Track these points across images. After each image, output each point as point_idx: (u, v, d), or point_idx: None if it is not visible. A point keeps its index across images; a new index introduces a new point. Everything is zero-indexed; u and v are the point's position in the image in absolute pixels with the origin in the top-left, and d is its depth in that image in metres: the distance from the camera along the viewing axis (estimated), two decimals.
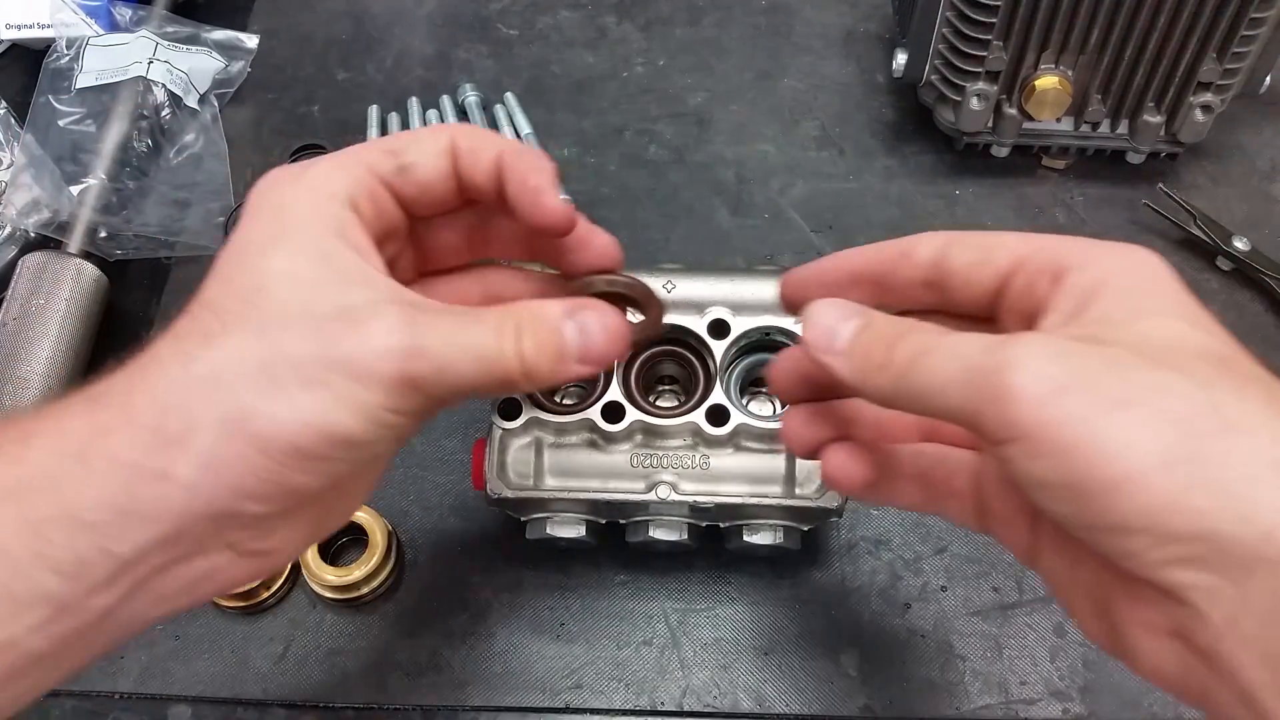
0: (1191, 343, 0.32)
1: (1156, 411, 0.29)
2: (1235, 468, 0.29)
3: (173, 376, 0.34)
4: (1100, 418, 0.30)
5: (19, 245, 0.75)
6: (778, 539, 0.57)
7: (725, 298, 0.58)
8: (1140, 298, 0.33)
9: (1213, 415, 0.29)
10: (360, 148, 0.40)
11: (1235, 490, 0.28)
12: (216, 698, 0.60)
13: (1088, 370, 0.31)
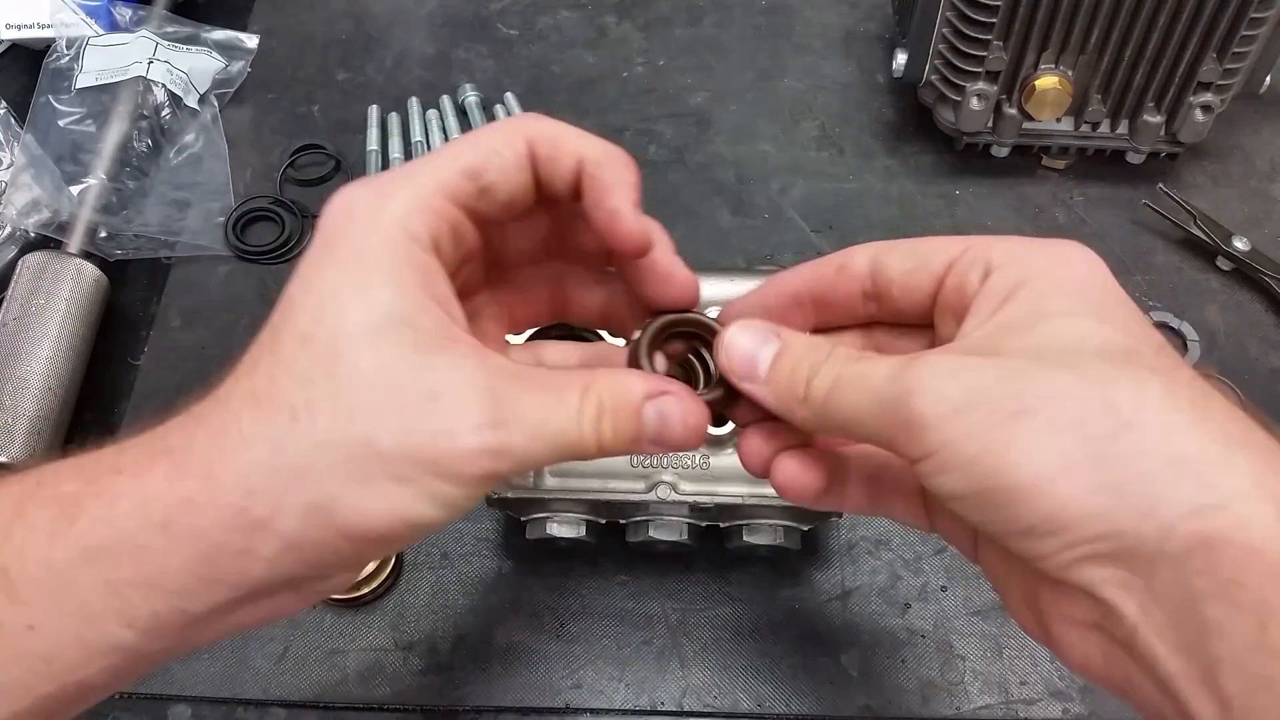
0: (1095, 340, 0.32)
1: (1052, 419, 0.30)
2: (1132, 467, 0.29)
3: (259, 460, 0.33)
4: (999, 430, 0.31)
5: (19, 245, 0.75)
6: (777, 539, 0.57)
7: (725, 298, 0.58)
8: (1052, 297, 0.34)
9: (1109, 415, 0.30)
10: (437, 168, 0.36)
11: (1133, 489, 0.29)
12: (216, 698, 0.60)
13: (984, 385, 0.32)
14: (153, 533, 0.33)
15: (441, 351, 0.34)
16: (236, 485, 0.33)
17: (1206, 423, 0.30)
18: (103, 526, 0.33)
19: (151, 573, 0.33)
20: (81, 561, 0.33)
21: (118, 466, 0.34)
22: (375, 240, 0.35)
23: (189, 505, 0.33)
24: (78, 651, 0.33)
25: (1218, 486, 0.29)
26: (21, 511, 0.34)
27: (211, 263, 0.78)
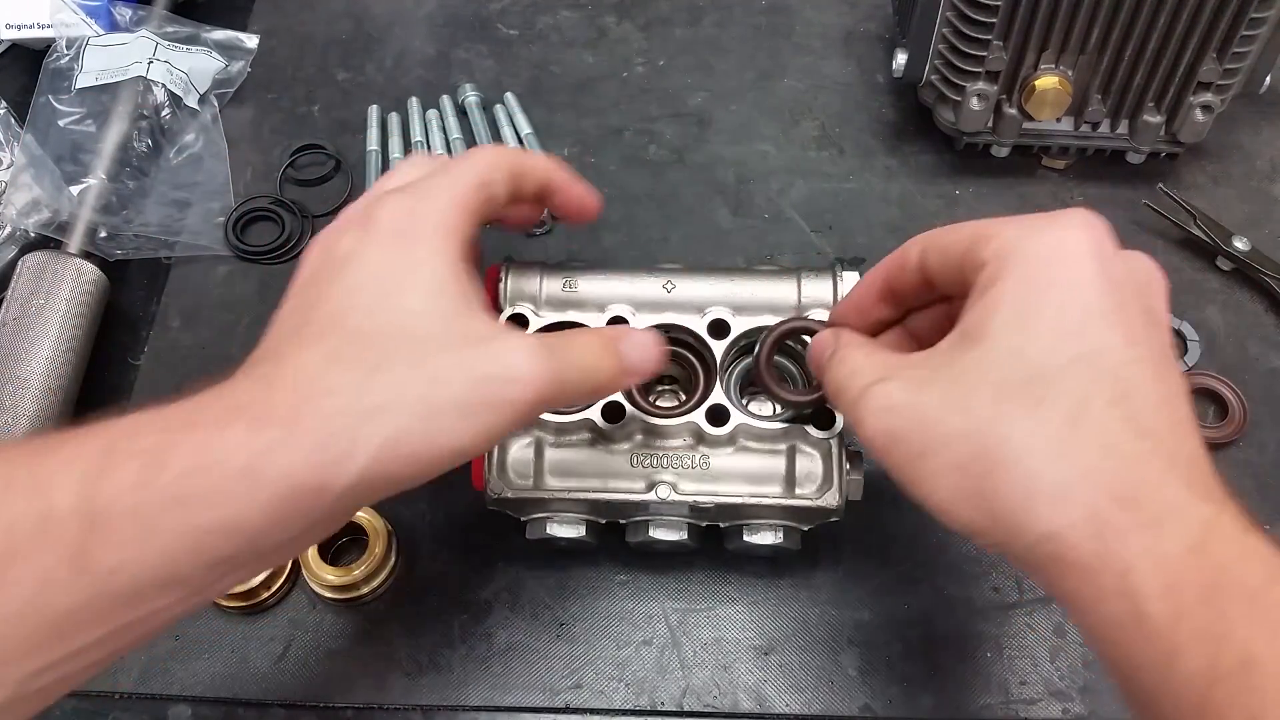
0: (1008, 366, 0.38)
1: (944, 461, 0.39)
2: (999, 502, 0.37)
3: (341, 405, 0.38)
4: (909, 467, 0.40)
5: (19, 245, 0.75)
6: (778, 539, 0.57)
7: (725, 298, 0.58)
8: (999, 311, 0.39)
9: (983, 459, 0.37)
10: (462, 186, 0.46)
11: (1003, 519, 0.37)
12: (216, 698, 0.59)
13: (902, 426, 0.41)
14: (235, 480, 0.37)
15: (482, 322, 0.43)
16: (319, 428, 0.38)
17: (1064, 453, 0.36)
18: (188, 477, 0.36)
19: (231, 516, 0.37)
20: (168, 509, 0.36)
21: (194, 422, 0.38)
22: (423, 235, 0.43)
23: (271, 451, 0.37)
24: (154, 589, 0.37)
25: (1057, 516, 0.36)
26: (109, 463, 0.36)
27: (211, 263, 0.78)
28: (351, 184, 0.81)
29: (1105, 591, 0.35)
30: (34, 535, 0.35)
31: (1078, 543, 0.35)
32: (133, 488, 0.36)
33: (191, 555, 0.37)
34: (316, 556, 0.61)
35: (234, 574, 0.39)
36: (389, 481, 0.40)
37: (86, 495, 0.36)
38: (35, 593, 0.35)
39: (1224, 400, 0.68)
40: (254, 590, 0.60)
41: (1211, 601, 0.33)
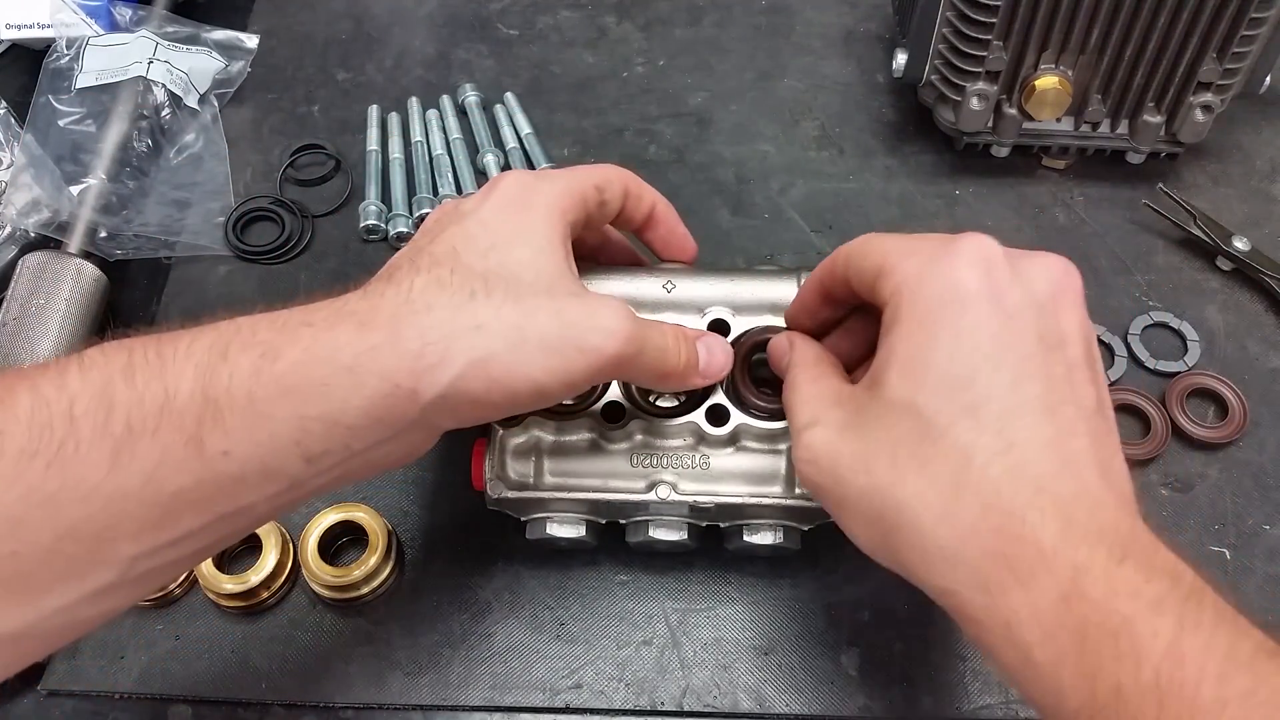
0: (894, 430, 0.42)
1: (856, 516, 0.44)
2: (902, 558, 0.42)
3: (440, 319, 0.42)
4: (835, 515, 0.45)
5: (19, 245, 0.75)
6: (778, 539, 0.57)
7: (725, 298, 0.58)
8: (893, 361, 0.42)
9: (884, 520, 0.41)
10: (579, 179, 0.52)
11: (909, 572, 0.42)
12: (216, 698, 0.59)
13: (824, 477, 0.44)
14: (342, 374, 0.40)
15: (576, 281, 0.48)
16: (417, 337, 0.41)
17: (947, 516, 0.39)
18: (300, 368, 0.39)
19: (334, 410, 0.40)
20: (279, 397, 0.39)
21: (308, 321, 0.41)
22: (538, 206, 0.49)
23: (375, 351, 0.41)
24: (258, 477, 0.40)
25: (948, 578, 0.39)
26: (225, 354, 0.39)
27: (211, 262, 0.78)
28: (351, 184, 0.81)
29: (997, 641, 0.38)
30: (158, 415, 0.37)
31: (969, 599, 0.39)
32: (247, 376, 0.39)
33: (294, 445, 0.40)
34: (316, 556, 0.61)
35: (328, 473, 0.42)
36: (471, 402, 0.43)
37: (205, 381, 0.38)
38: (154, 469, 0.37)
39: (1224, 400, 0.68)
40: (254, 590, 0.60)
41: (1083, 642, 0.36)
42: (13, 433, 0.36)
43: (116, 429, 0.37)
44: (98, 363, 0.38)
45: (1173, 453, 0.67)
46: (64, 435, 0.36)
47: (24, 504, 0.36)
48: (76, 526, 0.37)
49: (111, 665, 0.60)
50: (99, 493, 0.37)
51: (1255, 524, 0.64)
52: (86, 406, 0.37)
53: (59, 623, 0.39)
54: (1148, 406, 0.68)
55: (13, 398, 0.37)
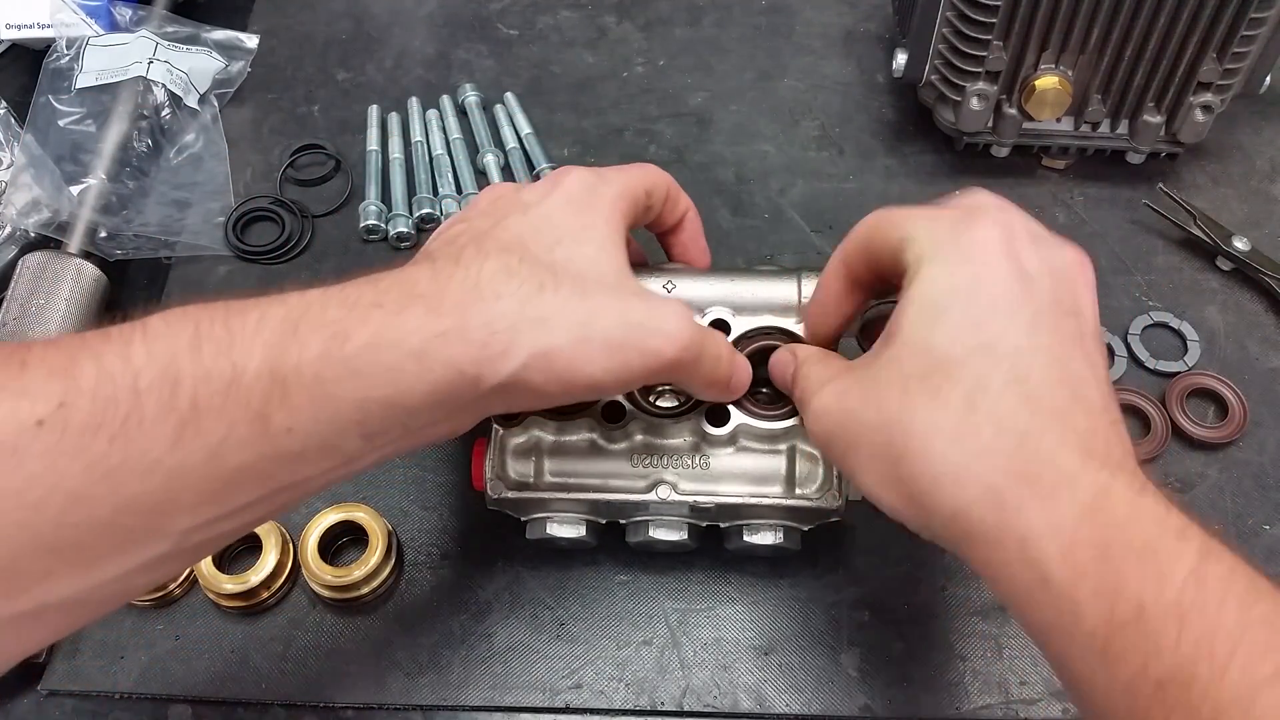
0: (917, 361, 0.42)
1: (866, 453, 0.43)
2: (911, 486, 0.41)
3: (508, 309, 0.42)
4: (844, 459, 0.45)
5: (19, 245, 0.75)
6: (778, 539, 0.57)
7: (725, 298, 0.58)
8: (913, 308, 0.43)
9: (894, 448, 0.41)
10: (635, 183, 0.53)
11: (916, 501, 0.41)
12: (216, 698, 0.59)
13: (835, 422, 0.45)
14: (409, 360, 0.40)
15: (635, 280, 0.49)
16: (484, 325, 0.42)
17: (959, 438, 0.39)
18: (368, 352, 0.40)
19: (399, 393, 0.40)
20: (346, 379, 0.39)
21: (378, 302, 0.41)
22: (601, 207, 0.50)
23: (443, 338, 0.41)
24: (317, 454, 0.40)
25: (958, 495, 0.39)
26: (295, 332, 0.39)
27: (211, 262, 0.78)
28: (351, 184, 0.81)
29: (1010, 561, 0.38)
30: (224, 392, 0.37)
31: (980, 517, 0.38)
32: (316, 357, 0.39)
33: (355, 425, 0.40)
34: (316, 556, 0.61)
35: (381, 450, 0.42)
36: (529, 392, 0.43)
37: (274, 360, 0.38)
38: (218, 446, 0.37)
39: (1224, 400, 0.68)
40: (254, 590, 0.60)
41: (1105, 559, 0.36)
42: (77, 405, 0.35)
43: (182, 405, 0.36)
44: (163, 334, 0.38)
45: (1173, 453, 0.67)
46: (128, 410, 0.36)
47: (86, 478, 0.35)
48: (136, 500, 0.36)
49: (111, 665, 0.60)
50: (161, 467, 0.36)
51: (1255, 524, 0.64)
52: (151, 381, 0.36)
53: (111, 591, 0.39)
54: (1148, 406, 0.68)
55: (76, 368, 0.36)
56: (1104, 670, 0.35)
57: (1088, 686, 0.37)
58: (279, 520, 0.63)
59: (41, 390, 0.35)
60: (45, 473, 0.35)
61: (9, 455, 0.34)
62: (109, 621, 0.61)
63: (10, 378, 0.35)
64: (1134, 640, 0.35)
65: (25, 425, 0.34)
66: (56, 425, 0.35)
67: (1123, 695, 0.35)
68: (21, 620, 0.37)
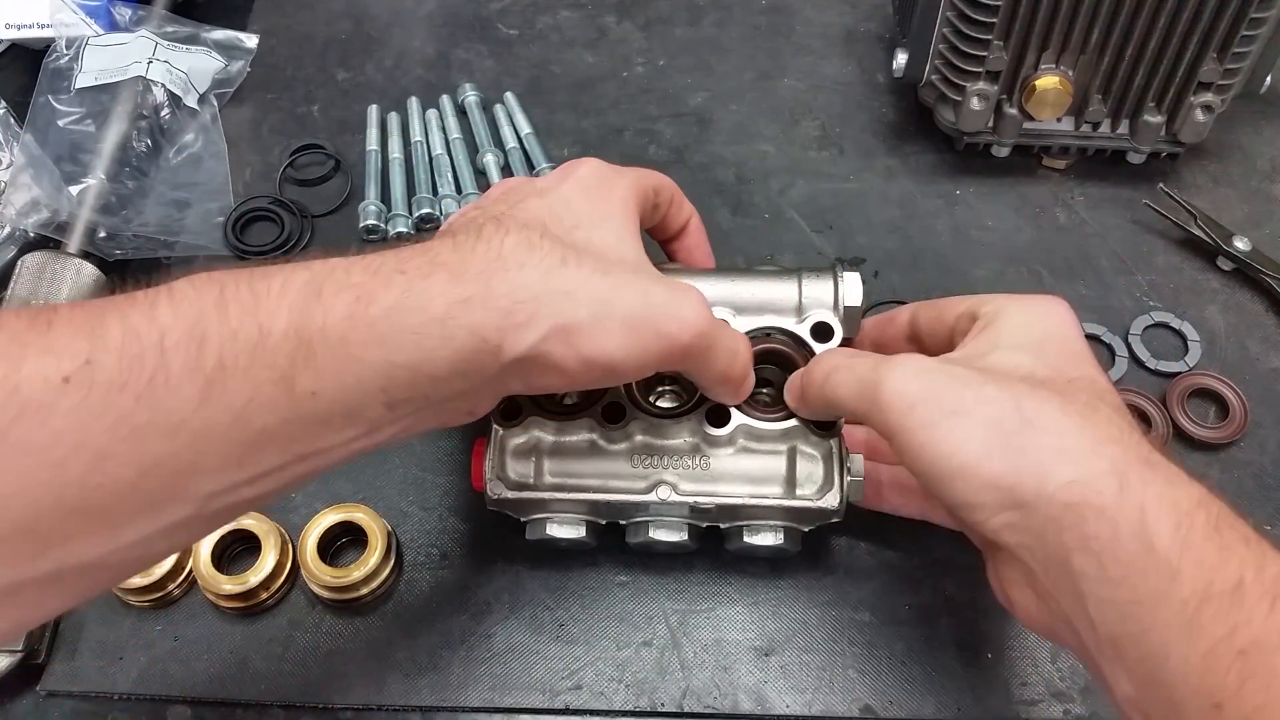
0: (1022, 370, 0.46)
1: (978, 417, 0.43)
2: (1029, 454, 0.42)
3: (531, 280, 0.43)
4: (940, 423, 0.44)
5: (19, 245, 0.74)
6: (778, 540, 0.57)
7: (725, 298, 0.58)
8: (1006, 337, 0.48)
9: (1017, 416, 0.42)
10: (644, 179, 0.55)
11: (1029, 470, 0.41)
12: (216, 698, 0.59)
13: (934, 387, 0.45)
14: (433, 325, 0.40)
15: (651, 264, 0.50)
16: (507, 294, 0.42)
17: (1086, 425, 0.42)
18: (392, 315, 0.40)
19: (422, 358, 0.40)
20: (371, 343, 0.39)
21: (401, 269, 0.41)
22: (615, 197, 0.51)
23: (466, 304, 0.41)
24: (341, 419, 0.40)
25: (1084, 467, 0.41)
26: (319, 294, 0.39)
27: (211, 263, 0.77)
28: (351, 184, 0.81)
29: (1121, 530, 0.39)
30: (251, 351, 0.37)
31: (1103, 488, 0.40)
32: (341, 319, 0.39)
33: (379, 391, 0.40)
34: (316, 557, 0.61)
35: (401, 421, 0.42)
36: (548, 367, 0.44)
37: (299, 321, 0.38)
38: (244, 406, 0.37)
39: (1224, 400, 0.68)
40: (253, 591, 0.60)
41: (1213, 539, 0.39)
42: (103, 363, 0.35)
43: (208, 364, 0.36)
44: (188, 296, 0.38)
45: (1173, 453, 0.67)
46: (154, 368, 0.36)
47: (111, 436, 0.35)
48: (160, 461, 0.36)
49: (110, 666, 0.60)
50: (186, 428, 0.36)
51: (1255, 524, 0.64)
52: (178, 339, 0.36)
53: (130, 555, 0.38)
54: (1148, 407, 0.68)
55: (103, 327, 0.36)
56: (1187, 637, 0.37)
57: (1161, 658, 0.38)
58: (278, 520, 0.63)
59: (68, 348, 0.35)
60: (71, 430, 0.34)
61: (35, 412, 0.34)
62: (108, 622, 0.61)
63: (37, 335, 0.35)
64: (1226, 610, 0.37)
65: (52, 382, 0.34)
66: (83, 382, 0.34)
67: (1201, 660, 0.37)
68: (41, 583, 0.36)
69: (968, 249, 0.77)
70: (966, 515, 0.44)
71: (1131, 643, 0.39)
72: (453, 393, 0.43)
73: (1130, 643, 0.39)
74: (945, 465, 0.43)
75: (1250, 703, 0.35)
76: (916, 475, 0.46)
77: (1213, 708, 0.36)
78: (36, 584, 0.36)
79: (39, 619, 0.39)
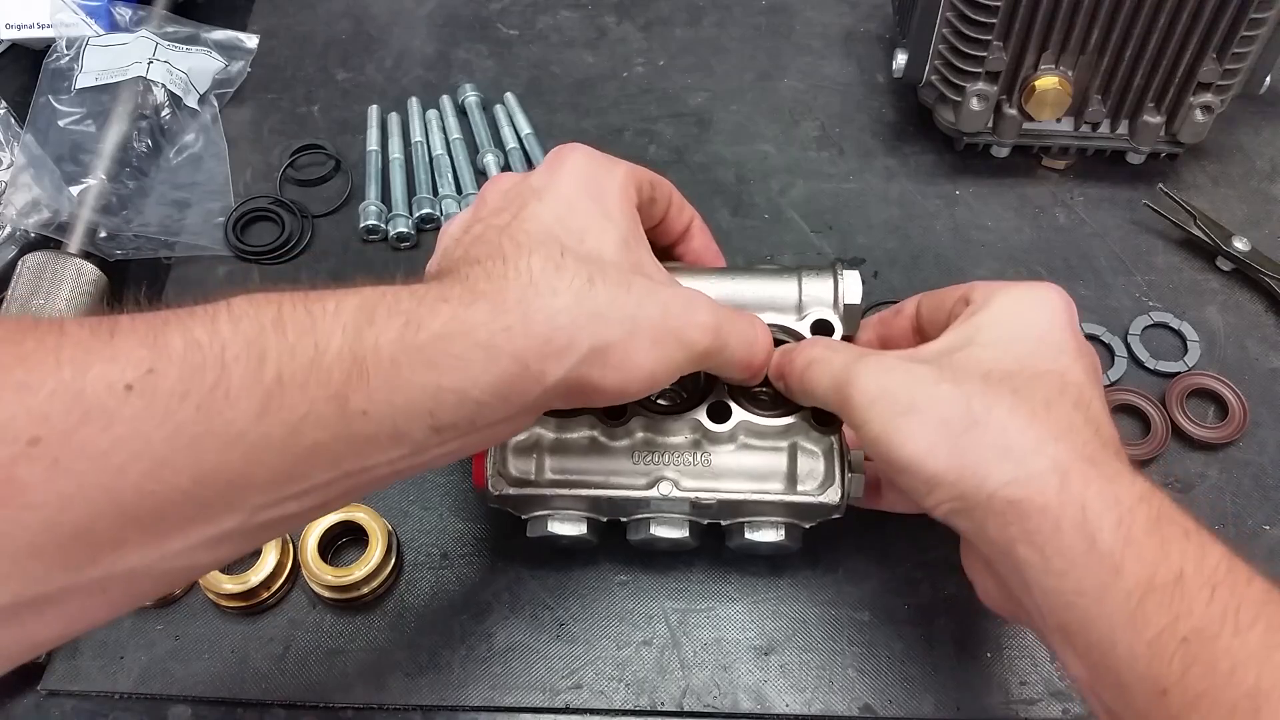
0: (984, 366, 0.47)
1: (928, 416, 0.45)
2: (973, 452, 0.43)
3: (566, 306, 0.44)
4: (893, 420, 0.46)
5: (19, 245, 0.75)
6: (779, 536, 0.57)
7: (726, 296, 0.58)
8: (982, 329, 0.49)
9: (966, 416, 0.44)
10: (637, 170, 0.55)
11: (972, 467, 0.43)
12: (216, 698, 0.59)
13: (892, 385, 0.47)
14: (477, 351, 0.42)
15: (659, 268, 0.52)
16: (547, 321, 0.43)
17: (1033, 424, 0.43)
18: (440, 341, 0.41)
19: (467, 383, 0.42)
20: (420, 366, 0.40)
21: (444, 297, 0.43)
22: (612, 190, 0.51)
23: (509, 333, 0.42)
24: (389, 439, 0.41)
25: (1024, 466, 0.42)
26: (372, 318, 0.40)
27: (211, 263, 0.78)
28: (351, 184, 0.81)
29: (1063, 526, 0.41)
30: (308, 369, 0.38)
31: (1043, 487, 0.42)
32: (392, 342, 0.40)
33: (427, 415, 0.41)
34: (316, 556, 0.61)
35: (446, 444, 0.43)
36: (586, 388, 0.45)
37: (353, 343, 0.39)
38: (299, 422, 0.38)
39: (1224, 400, 0.68)
40: (254, 590, 0.60)
41: (1154, 533, 0.40)
42: (165, 372, 0.35)
43: (268, 378, 0.37)
44: (248, 313, 0.38)
45: (1173, 453, 0.67)
46: (215, 379, 0.36)
47: (170, 445, 0.35)
48: (216, 471, 0.37)
49: (111, 665, 0.60)
50: (243, 440, 0.37)
51: (1255, 524, 0.64)
52: (238, 353, 0.37)
53: (177, 565, 0.39)
54: (1148, 407, 0.68)
55: (165, 337, 0.36)
56: (1131, 628, 0.39)
57: (1107, 646, 0.40)
58: None
59: (131, 356, 0.35)
60: (131, 437, 0.35)
61: (98, 417, 0.34)
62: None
63: (101, 343, 0.35)
64: (1167, 601, 0.39)
65: (115, 389, 0.34)
66: (146, 390, 0.35)
67: (1145, 649, 0.39)
68: (88, 590, 0.37)
69: (967, 249, 0.77)
70: (921, 502, 0.46)
71: (1078, 629, 0.41)
72: (497, 417, 0.44)
73: (1077, 629, 0.41)
74: (897, 458, 0.46)
75: (1193, 689, 0.37)
76: (878, 464, 0.48)
77: (1159, 694, 0.38)
78: (84, 591, 0.37)
79: (79, 630, 0.39)
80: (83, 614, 0.39)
